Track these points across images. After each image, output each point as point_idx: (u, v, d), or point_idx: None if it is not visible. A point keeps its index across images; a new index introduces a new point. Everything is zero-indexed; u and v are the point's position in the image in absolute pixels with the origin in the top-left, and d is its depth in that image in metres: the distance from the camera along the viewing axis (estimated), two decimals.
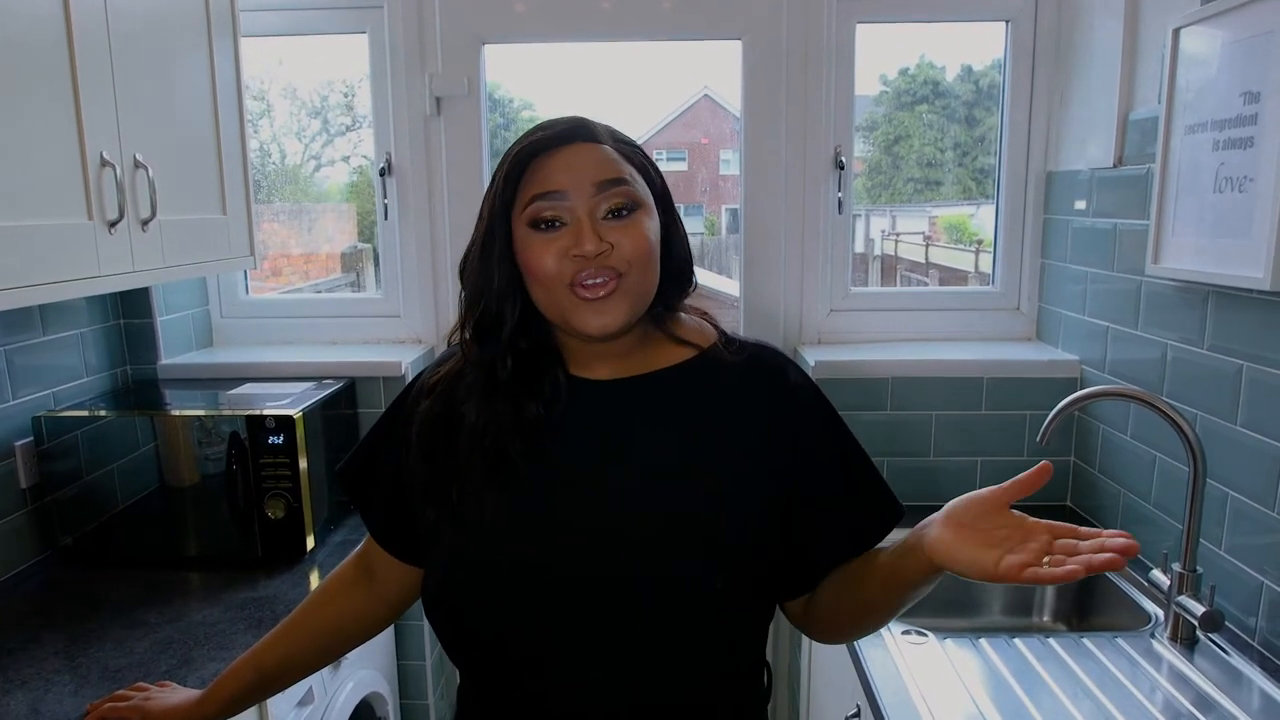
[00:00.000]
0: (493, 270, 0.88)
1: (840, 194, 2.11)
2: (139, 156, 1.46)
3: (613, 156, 0.87)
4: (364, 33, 2.10)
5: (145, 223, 1.47)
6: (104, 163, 1.37)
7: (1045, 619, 1.81)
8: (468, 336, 0.92)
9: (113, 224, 1.39)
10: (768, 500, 0.90)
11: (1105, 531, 0.72)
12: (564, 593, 0.85)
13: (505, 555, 0.87)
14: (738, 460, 0.90)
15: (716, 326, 0.98)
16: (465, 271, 0.92)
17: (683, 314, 0.97)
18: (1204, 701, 1.25)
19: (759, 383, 0.93)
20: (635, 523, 0.86)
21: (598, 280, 0.84)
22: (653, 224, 0.88)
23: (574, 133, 0.87)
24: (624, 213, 0.85)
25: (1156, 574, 1.44)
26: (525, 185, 0.86)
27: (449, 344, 0.98)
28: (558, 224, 0.85)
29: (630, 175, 0.87)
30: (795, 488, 0.91)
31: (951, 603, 1.82)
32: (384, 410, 1.03)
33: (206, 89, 1.71)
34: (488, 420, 0.89)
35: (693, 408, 0.92)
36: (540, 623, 0.85)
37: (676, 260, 0.93)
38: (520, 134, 0.90)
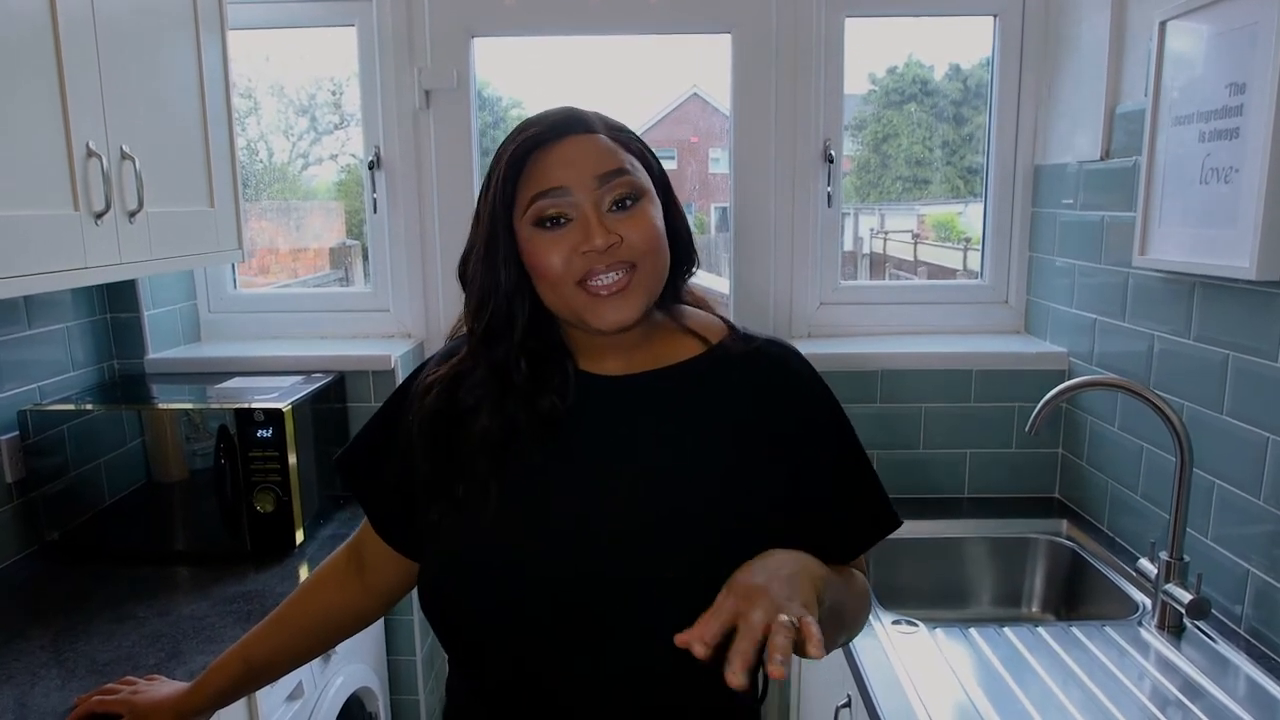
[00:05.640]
0: (499, 272, 0.86)
1: (829, 188, 2.12)
2: (126, 148, 1.45)
3: (611, 146, 0.86)
4: (352, 25, 2.09)
5: (132, 214, 1.46)
6: (90, 153, 1.36)
7: (1034, 609, 1.82)
8: (476, 340, 0.89)
9: (99, 215, 1.38)
10: (770, 502, 0.88)
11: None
12: (560, 590, 0.84)
13: (506, 551, 0.86)
14: (743, 460, 0.89)
15: (723, 318, 0.97)
16: (468, 275, 0.90)
17: (687, 306, 0.96)
18: (1191, 688, 1.26)
19: (767, 382, 0.92)
20: (637, 522, 0.85)
21: (611, 277, 0.82)
22: (657, 210, 0.87)
23: (568, 125, 0.85)
24: (628, 203, 0.84)
25: (1144, 563, 1.45)
26: (524, 183, 0.84)
27: (451, 338, 0.96)
28: (563, 221, 0.83)
29: (630, 164, 0.86)
30: (794, 489, 0.90)
31: (941, 593, 1.84)
32: (383, 402, 1.01)
33: (194, 80, 1.70)
34: (501, 425, 0.88)
35: (700, 406, 0.90)
36: (536, 619, 0.84)
37: (681, 242, 0.92)
38: (510, 130, 0.88)
